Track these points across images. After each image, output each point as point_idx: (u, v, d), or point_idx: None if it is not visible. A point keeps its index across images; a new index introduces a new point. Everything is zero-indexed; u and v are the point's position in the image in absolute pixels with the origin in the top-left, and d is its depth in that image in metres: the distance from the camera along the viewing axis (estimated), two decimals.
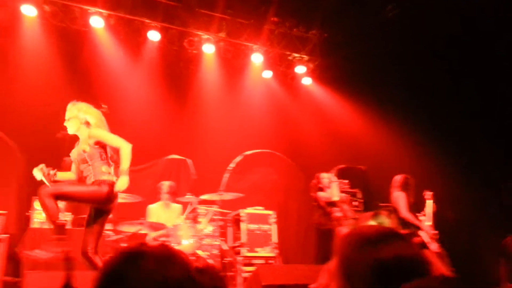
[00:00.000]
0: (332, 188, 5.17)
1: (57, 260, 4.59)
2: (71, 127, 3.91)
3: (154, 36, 7.06)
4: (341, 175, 5.47)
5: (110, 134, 3.82)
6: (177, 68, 7.63)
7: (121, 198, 4.85)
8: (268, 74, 8.13)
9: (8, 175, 5.67)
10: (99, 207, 3.74)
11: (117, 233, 4.80)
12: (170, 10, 7.08)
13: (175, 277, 1.04)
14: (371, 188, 6.12)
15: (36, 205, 5.26)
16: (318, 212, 5.33)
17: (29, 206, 5.36)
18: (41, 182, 3.85)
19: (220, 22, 7.44)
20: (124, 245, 4.74)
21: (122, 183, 3.55)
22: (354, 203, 5.20)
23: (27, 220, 5.32)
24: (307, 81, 8.31)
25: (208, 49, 7.47)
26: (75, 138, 5.96)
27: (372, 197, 5.67)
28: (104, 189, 3.64)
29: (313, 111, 8.16)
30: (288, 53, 8.11)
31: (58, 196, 3.59)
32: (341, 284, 1.22)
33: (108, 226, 4.98)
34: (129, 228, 4.85)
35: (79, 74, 6.83)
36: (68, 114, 3.97)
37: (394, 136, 6.78)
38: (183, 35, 7.37)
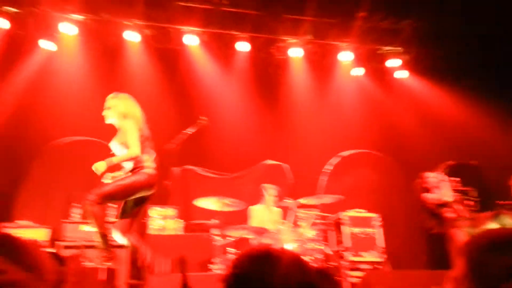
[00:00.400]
0: (442, 187, 4.79)
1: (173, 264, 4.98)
2: (109, 116, 4.07)
3: (243, 46, 7.29)
4: (451, 172, 5.05)
5: (133, 133, 3.86)
6: (267, 75, 7.78)
7: (225, 206, 5.08)
8: (358, 71, 7.90)
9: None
10: (139, 196, 3.84)
11: (224, 237, 5.01)
12: (257, 19, 7.25)
13: (300, 280, 1.08)
14: (486, 185, 5.58)
15: (152, 213, 5.73)
16: (425, 215, 4.98)
17: (145, 214, 5.85)
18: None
19: (306, 24, 7.42)
20: (250, 247, 4.94)
21: (99, 164, 3.63)
22: (468, 203, 4.76)
23: (144, 227, 5.81)
24: (402, 74, 7.91)
25: (296, 52, 7.50)
26: (183, 150, 6.44)
27: (488, 195, 5.16)
28: (143, 176, 3.77)
29: (411, 105, 7.72)
30: (379, 47, 7.81)
31: (103, 199, 3.69)
32: None
33: (215, 231, 5.25)
34: (234, 233, 5.04)
35: (179, 89, 7.32)
36: (108, 104, 4.09)
37: (506, 126, 6.13)
38: (271, 42, 7.51)
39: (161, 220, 5.66)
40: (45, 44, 6.74)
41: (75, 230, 5.13)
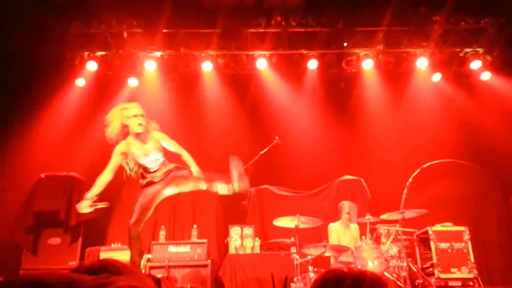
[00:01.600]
0: None
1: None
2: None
3: (312, 64, 7.33)
4: None
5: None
6: (338, 90, 7.71)
7: (302, 223, 5.07)
8: (437, 77, 7.51)
9: (207, 208, 6.52)
10: None
11: (302, 256, 4.98)
12: (325, 36, 7.28)
13: None
14: None
15: (233, 232, 5.91)
16: None
17: (226, 234, 6.05)
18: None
19: (377, 35, 7.29)
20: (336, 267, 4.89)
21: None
22: None
23: (226, 247, 6.00)
24: (485, 76, 7.35)
25: (368, 64, 7.36)
26: (258, 170, 6.61)
27: None
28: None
29: (498, 108, 7.10)
30: (459, 49, 7.38)
31: (139, 221, 4.12)
32: None
33: (293, 249, 5.25)
34: (313, 251, 4.99)
35: (252, 112, 7.55)
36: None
37: None
38: (340, 57, 7.46)
39: (240, 239, 5.79)
40: (131, 81, 7.41)
41: (163, 251, 5.45)
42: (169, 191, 4.35)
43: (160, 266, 5.27)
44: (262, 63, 7.34)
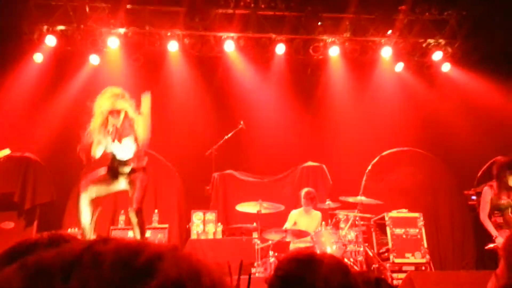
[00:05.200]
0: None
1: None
2: None
3: (280, 49, 7.29)
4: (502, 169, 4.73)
5: None
6: (304, 76, 7.74)
7: (264, 208, 5.12)
8: (400, 66, 7.67)
9: (168, 192, 6.46)
10: None
11: (263, 241, 5.04)
12: (294, 20, 7.24)
13: (342, 283, 1.11)
14: None
15: (195, 218, 5.89)
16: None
17: (188, 219, 6.02)
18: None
19: (344, 22, 7.32)
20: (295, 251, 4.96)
21: None
22: None
23: (187, 232, 5.98)
24: (445, 67, 7.57)
25: (334, 51, 7.40)
26: (222, 155, 6.58)
27: None
28: None
29: (456, 100, 7.36)
30: (422, 40, 7.53)
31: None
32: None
33: (254, 234, 5.30)
34: (274, 236, 5.06)
35: (217, 95, 7.47)
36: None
37: None
38: (308, 43, 7.45)
39: (202, 224, 5.79)
40: (93, 59, 7.12)
41: (122, 236, 5.36)
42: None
43: None
44: (229, 46, 7.23)
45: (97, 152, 4.04)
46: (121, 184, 4.20)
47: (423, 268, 5.27)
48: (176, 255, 0.54)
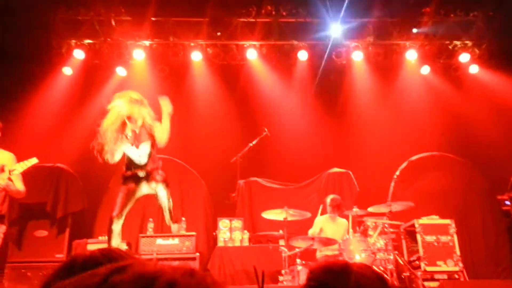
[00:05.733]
0: None
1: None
2: None
3: (302, 55, 7.29)
4: None
5: None
6: (328, 82, 7.70)
7: (290, 215, 5.10)
8: (425, 69, 7.53)
9: (195, 200, 6.51)
10: None
11: (290, 248, 5.00)
12: (315, 27, 7.23)
13: None
14: None
15: (221, 225, 5.91)
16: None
17: (214, 227, 6.04)
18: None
19: (367, 26, 7.26)
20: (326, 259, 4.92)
21: None
22: None
23: (214, 239, 6.00)
24: (474, 69, 7.39)
25: (357, 56, 7.35)
26: (247, 162, 6.60)
27: None
28: None
29: (485, 102, 7.15)
30: (448, 42, 7.39)
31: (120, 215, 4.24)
32: None
33: (281, 241, 5.27)
34: (301, 244, 5.02)
35: (241, 103, 7.51)
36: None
37: None
38: (330, 48, 7.42)
39: (228, 231, 5.80)
40: (120, 71, 7.30)
41: (151, 243, 5.43)
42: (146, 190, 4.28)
43: (148, 259, 5.26)
44: (252, 54, 7.27)
45: (115, 157, 4.11)
46: (143, 189, 4.28)
47: (456, 276, 5.11)
48: (190, 282, 0.56)
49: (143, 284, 0.54)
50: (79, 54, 7.00)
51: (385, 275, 4.50)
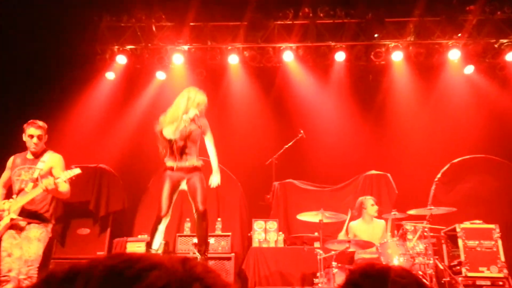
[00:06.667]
0: None
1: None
2: None
3: (340, 56, 7.21)
4: None
5: None
6: (366, 83, 7.57)
7: (326, 218, 5.04)
8: (469, 69, 7.24)
9: (230, 201, 6.57)
10: None
11: (326, 251, 4.95)
12: (354, 27, 7.14)
13: None
14: None
15: (256, 226, 5.94)
16: None
17: (250, 228, 6.08)
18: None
19: (408, 26, 7.09)
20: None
21: None
22: None
23: (249, 240, 6.03)
24: None
25: (397, 56, 7.17)
26: (283, 164, 6.60)
27: None
28: None
29: None
30: (493, 40, 7.08)
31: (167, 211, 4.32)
32: None
33: (316, 244, 5.22)
34: (337, 246, 4.95)
35: (277, 105, 7.52)
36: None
37: None
38: (369, 49, 7.30)
39: (263, 232, 5.81)
40: (159, 75, 7.53)
41: (187, 243, 5.54)
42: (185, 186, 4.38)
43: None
44: (288, 56, 7.27)
45: (170, 132, 4.26)
46: (182, 184, 4.37)
47: (501, 283, 4.85)
48: (174, 267, 0.55)
49: (124, 265, 0.54)
50: (121, 59, 7.27)
51: (424, 280, 4.35)
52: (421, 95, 7.33)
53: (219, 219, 6.00)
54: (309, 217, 5.14)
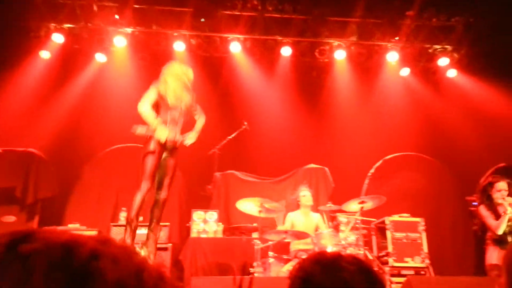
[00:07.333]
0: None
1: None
2: None
3: (286, 51, 7.30)
4: (500, 174, 4.73)
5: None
6: (310, 79, 7.74)
7: (265, 209, 5.11)
8: (405, 71, 7.64)
9: (170, 191, 6.44)
10: None
11: (263, 241, 5.02)
12: (301, 23, 7.25)
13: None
14: None
15: (196, 216, 5.88)
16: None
17: (189, 218, 6.01)
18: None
19: (351, 26, 7.32)
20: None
21: None
22: None
23: (188, 230, 5.97)
24: (451, 73, 7.54)
25: (340, 55, 7.40)
26: (224, 155, 6.58)
27: None
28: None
29: (461, 105, 7.31)
30: (428, 46, 7.51)
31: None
32: None
33: (254, 234, 5.28)
34: (274, 237, 5.04)
35: (222, 95, 7.48)
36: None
37: None
38: (314, 46, 7.46)
39: (202, 223, 5.78)
40: (99, 57, 7.18)
41: (122, 233, 5.35)
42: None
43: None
44: (235, 47, 7.25)
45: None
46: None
47: (423, 272, 5.22)
48: (112, 250, 0.50)
49: (61, 254, 0.47)
50: (58, 38, 6.85)
51: (375, 267, 4.55)
52: (361, 94, 7.63)
53: None
54: (248, 205, 5.17)
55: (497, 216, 4.37)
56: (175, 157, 4.27)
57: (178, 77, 4.34)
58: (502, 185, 4.43)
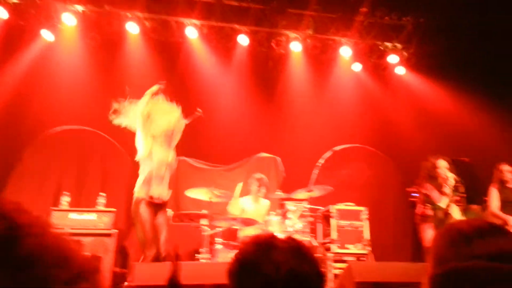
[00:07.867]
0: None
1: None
2: None
3: (243, 40, 7.29)
4: None
5: None
6: (266, 69, 7.78)
7: (215, 196, 5.11)
8: (357, 66, 7.87)
9: (118, 176, 6.31)
10: None
11: (212, 228, 5.04)
12: (258, 13, 7.26)
13: (301, 269, 1.09)
14: (476, 182, 5.55)
15: None
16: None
17: None
18: None
19: (307, 19, 7.41)
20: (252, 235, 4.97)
21: None
22: (456, 198, 4.76)
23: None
24: (400, 70, 7.85)
25: (296, 47, 7.49)
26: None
27: (478, 191, 5.16)
28: None
29: (408, 102, 7.67)
30: (379, 43, 7.76)
31: None
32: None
33: (203, 221, 5.28)
34: (223, 223, 5.07)
35: (176, 81, 7.35)
36: None
37: (503, 123, 6.06)
38: (271, 36, 7.50)
39: None
40: (46, 34, 6.83)
41: (63, 217, 5.17)
42: None
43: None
44: (192, 32, 7.14)
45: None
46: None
47: (363, 259, 5.47)
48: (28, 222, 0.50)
49: None
50: (2, 13, 6.46)
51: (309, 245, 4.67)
52: (314, 86, 7.78)
53: (103, 194, 5.70)
54: (199, 194, 5.16)
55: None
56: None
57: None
58: (443, 162, 4.93)
